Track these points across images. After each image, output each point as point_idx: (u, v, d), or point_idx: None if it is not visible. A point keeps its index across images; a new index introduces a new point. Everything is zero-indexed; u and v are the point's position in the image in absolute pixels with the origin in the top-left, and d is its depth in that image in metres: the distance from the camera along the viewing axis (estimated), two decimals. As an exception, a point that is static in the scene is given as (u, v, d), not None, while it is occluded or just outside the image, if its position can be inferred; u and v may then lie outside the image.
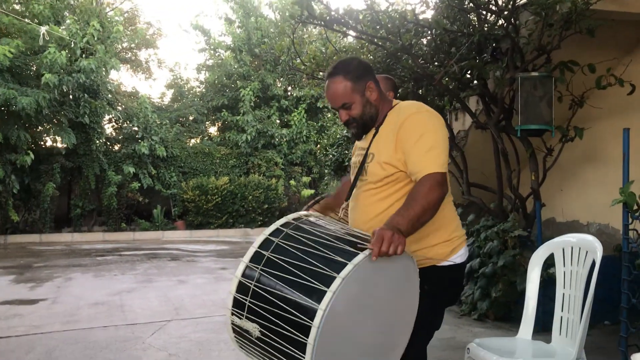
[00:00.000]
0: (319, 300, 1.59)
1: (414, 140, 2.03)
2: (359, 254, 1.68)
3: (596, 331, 4.73)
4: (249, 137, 17.86)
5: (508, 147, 5.68)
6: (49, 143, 16.11)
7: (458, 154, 6.16)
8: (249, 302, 1.74)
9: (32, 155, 13.49)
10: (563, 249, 2.85)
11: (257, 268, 1.76)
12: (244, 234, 16.51)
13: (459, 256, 2.17)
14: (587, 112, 5.38)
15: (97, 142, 15.86)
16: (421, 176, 1.97)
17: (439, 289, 2.11)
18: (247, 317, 1.75)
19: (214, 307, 6.16)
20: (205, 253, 11.80)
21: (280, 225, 1.87)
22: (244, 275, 1.80)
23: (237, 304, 1.78)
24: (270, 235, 1.84)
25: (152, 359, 4.30)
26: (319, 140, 18.75)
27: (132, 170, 15.82)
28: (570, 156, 5.78)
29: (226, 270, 9.07)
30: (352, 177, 2.28)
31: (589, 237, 2.72)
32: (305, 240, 1.78)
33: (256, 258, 1.80)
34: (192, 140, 19.18)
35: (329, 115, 18.67)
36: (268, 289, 1.72)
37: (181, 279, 8.13)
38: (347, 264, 1.63)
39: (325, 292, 1.59)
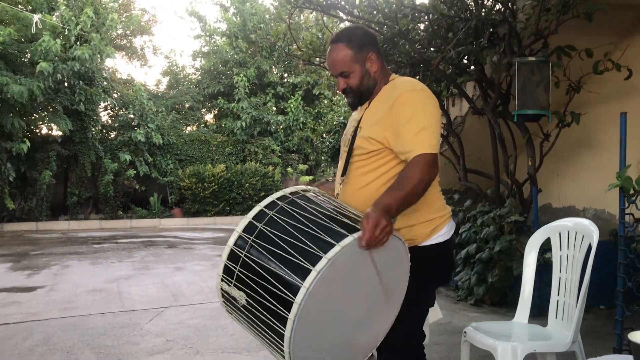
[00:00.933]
0: (303, 278, 1.61)
1: (406, 118, 2.00)
2: (347, 236, 1.69)
3: (592, 315, 4.76)
4: (244, 124, 17.81)
5: (505, 133, 5.67)
6: (44, 131, 16.08)
7: (455, 140, 6.16)
8: (238, 270, 1.77)
9: (28, 143, 13.45)
10: (559, 233, 2.86)
11: (249, 238, 1.79)
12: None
13: (441, 235, 2.15)
14: (584, 98, 5.37)
15: (93, 129, 15.82)
16: (412, 156, 1.95)
17: (423, 269, 2.07)
18: (235, 285, 1.78)
19: (212, 294, 6.17)
20: (202, 240, 11.81)
21: (277, 198, 1.88)
22: (236, 244, 1.82)
23: (227, 271, 1.81)
24: (265, 207, 1.86)
25: (150, 344, 4.32)
26: (315, 127, 18.71)
27: (128, 157, 15.79)
28: (567, 142, 5.77)
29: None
30: (345, 149, 2.27)
31: (585, 221, 2.73)
32: (298, 217, 1.78)
33: (249, 228, 1.82)
34: (188, 128, 19.13)
35: (326, 102, 18.62)
36: (257, 260, 1.74)
37: (178, 266, 8.15)
38: (334, 244, 1.65)
39: (310, 270, 1.61)
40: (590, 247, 2.58)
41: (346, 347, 1.89)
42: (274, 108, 18.98)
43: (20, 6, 13.95)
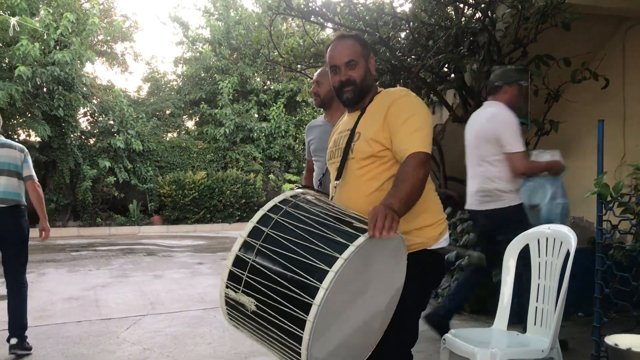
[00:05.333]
0: (320, 280, 1.61)
1: (402, 120, 2.08)
2: (359, 235, 1.70)
3: (570, 322, 4.78)
4: (227, 131, 17.74)
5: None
6: (22, 137, 15.83)
7: (435, 148, 6.18)
8: (247, 276, 1.75)
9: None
10: (538, 240, 2.87)
11: (257, 243, 1.77)
12: (221, 229, 16.42)
13: (445, 240, 2.22)
14: (563, 106, 5.43)
15: (72, 135, 15.63)
16: (407, 155, 2.03)
17: (429, 272, 2.19)
18: (243, 291, 1.76)
19: (190, 302, 6.10)
20: (182, 248, 11.70)
21: (279, 202, 1.88)
22: (241, 249, 1.80)
23: (233, 278, 1.79)
24: (269, 211, 1.85)
25: (127, 353, 4.24)
26: (297, 135, 18.70)
27: (107, 164, 15.62)
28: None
29: (203, 265, 9.00)
30: (334, 160, 2.30)
31: (564, 228, 2.74)
32: (305, 219, 1.79)
33: (255, 233, 1.81)
34: (169, 135, 19.00)
35: (308, 110, 18.62)
36: (267, 264, 1.73)
37: (157, 274, 8.05)
38: (349, 245, 1.66)
39: (327, 271, 1.62)
40: (568, 254, 2.59)
41: (355, 346, 1.92)
42: (257, 115, 18.94)
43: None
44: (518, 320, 3.15)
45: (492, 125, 3.87)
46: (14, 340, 4.17)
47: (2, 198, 4.22)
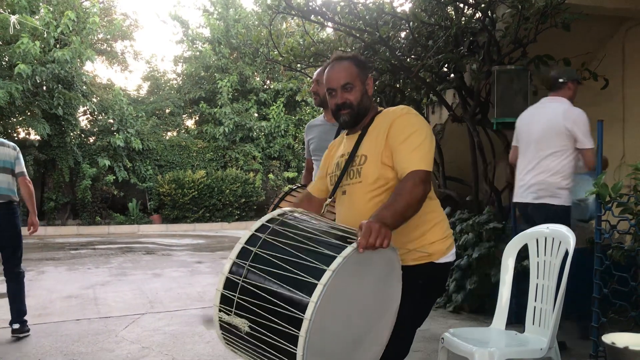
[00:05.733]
0: (309, 293, 1.60)
1: (402, 138, 2.08)
2: (346, 247, 1.69)
3: (568, 323, 4.78)
4: (226, 130, 17.72)
5: (484, 141, 5.71)
6: (22, 135, 15.81)
7: (434, 148, 6.18)
8: (238, 297, 1.74)
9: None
10: (537, 240, 2.88)
11: (245, 264, 1.76)
12: (220, 228, 16.41)
13: (452, 255, 2.23)
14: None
15: (72, 134, 15.60)
16: (406, 172, 2.02)
17: (433, 285, 2.21)
18: (235, 313, 1.75)
19: (189, 301, 6.10)
20: (181, 247, 11.70)
21: (266, 222, 1.87)
22: (231, 271, 1.79)
23: (225, 301, 1.78)
24: (256, 231, 1.84)
25: (125, 351, 4.24)
26: (297, 134, 18.69)
27: (107, 163, 15.60)
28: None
29: (202, 264, 9.01)
30: (331, 180, 2.33)
31: (562, 228, 2.75)
32: (293, 235, 1.78)
33: (243, 254, 1.80)
34: (169, 133, 18.98)
35: (308, 109, 18.62)
36: (257, 284, 1.72)
37: (156, 273, 8.05)
38: (335, 257, 1.65)
39: (316, 284, 1.60)
40: (567, 254, 2.60)
41: (352, 358, 1.89)
42: (256, 114, 18.93)
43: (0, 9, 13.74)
44: (516, 319, 3.16)
45: (567, 120, 3.94)
46: (16, 325, 4.59)
47: None
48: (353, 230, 1.83)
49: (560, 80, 4.12)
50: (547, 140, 4.01)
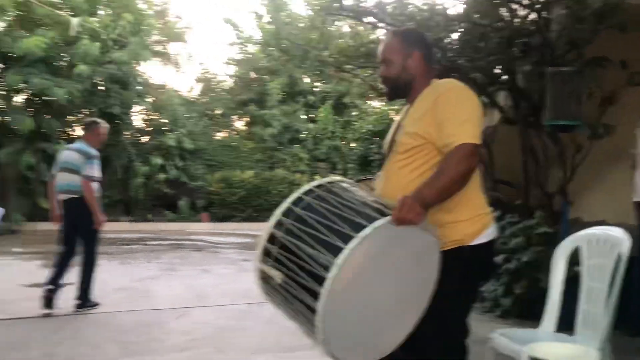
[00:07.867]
0: (335, 255, 1.72)
1: (450, 111, 2.05)
2: (379, 218, 1.78)
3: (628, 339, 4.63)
4: (275, 132, 17.91)
5: (536, 144, 5.61)
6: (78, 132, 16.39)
7: (484, 150, 6.10)
8: (276, 251, 1.88)
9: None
10: (588, 242, 2.82)
11: (288, 222, 1.90)
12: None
13: (487, 234, 2.14)
14: (618, 110, 5.28)
15: (126, 133, 16.06)
16: (454, 146, 1.97)
17: (470, 270, 2.13)
18: (272, 265, 1.89)
19: (237, 296, 6.20)
20: (229, 245, 11.90)
21: (314, 186, 1.99)
22: (275, 226, 1.93)
23: (266, 252, 1.93)
24: (303, 194, 1.97)
25: (175, 342, 4.36)
26: (344, 136, 18.73)
27: (159, 161, 15.99)
28: (599, 154, 5.67)
29: (249, 262, 9.11)
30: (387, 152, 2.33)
31: (615, 230, 2.68)
32: (334, 202, 1.89)
33: (288, 213, 1.94)
34: (219, 134, 19.32)
35: (355, 111, 18.63)
36: (294, 241, 1.85)
37: (205, 269, 8.22)
38: (367, 225, 1.75)
39: (343, 248, 1.72)
40: (620, 257, 2.54)
41: (376, 335, 1.97)
42: (304, 116, 19.06)
43: (61, 12, 14.29)
44: (566, 326, 3.10)
45: None
46: (78, 301, 5.29)
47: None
48: (392, 204, 1.88)
49: None
50: None
